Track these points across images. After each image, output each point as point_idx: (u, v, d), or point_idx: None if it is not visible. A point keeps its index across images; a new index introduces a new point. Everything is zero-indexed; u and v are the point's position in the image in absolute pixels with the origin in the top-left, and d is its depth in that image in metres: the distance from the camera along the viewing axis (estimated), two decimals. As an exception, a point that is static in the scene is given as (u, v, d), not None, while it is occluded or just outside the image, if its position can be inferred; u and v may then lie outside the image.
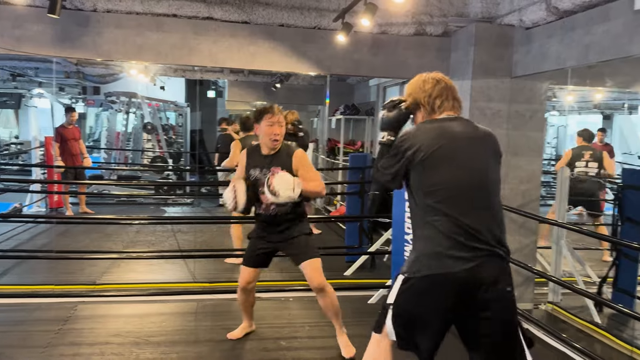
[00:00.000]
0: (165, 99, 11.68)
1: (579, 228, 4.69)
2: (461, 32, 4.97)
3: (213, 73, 10.32)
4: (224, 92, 13.44)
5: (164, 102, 11.83)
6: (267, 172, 3.34)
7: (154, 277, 5.34)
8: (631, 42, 3.45)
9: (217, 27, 4.76)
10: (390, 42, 5.02)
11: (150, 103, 11.55)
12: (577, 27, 3.96)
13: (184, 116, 11.47)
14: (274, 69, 5.20)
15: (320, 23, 4.80)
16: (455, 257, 2.15)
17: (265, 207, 3.42)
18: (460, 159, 2.25)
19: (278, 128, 3.36)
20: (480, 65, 4.76)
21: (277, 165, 3.36)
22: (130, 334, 3.93)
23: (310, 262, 3.43)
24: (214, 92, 13.90)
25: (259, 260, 3.58)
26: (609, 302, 4.32)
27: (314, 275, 3.42)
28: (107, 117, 12.10)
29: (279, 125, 3.37)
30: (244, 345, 3.76)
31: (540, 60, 4.42)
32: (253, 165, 3.45)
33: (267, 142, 3.39)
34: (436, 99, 2.34)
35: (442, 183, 2.22)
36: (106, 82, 11.16)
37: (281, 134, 3.39)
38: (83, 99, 12.80)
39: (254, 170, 3.44)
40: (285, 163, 3.38)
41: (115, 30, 4.62)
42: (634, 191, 4.51)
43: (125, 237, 7.17)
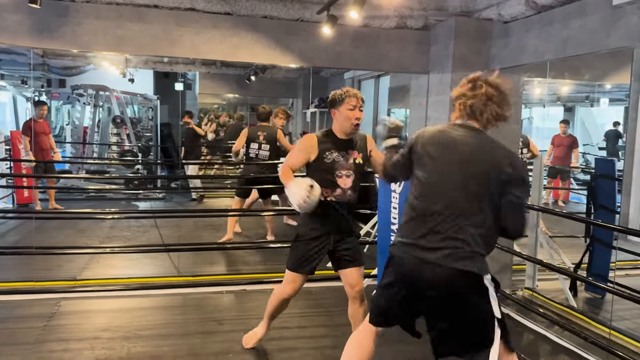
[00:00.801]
0: (134, 92, 11.46)
1: (558, 211, 4.85)
2: (440, 26, 5.07)
3: (184, 65, 10.20)
4: (193, 85, 13.30)
5: (133, 95, 11.61)
6: (346, 154, 3.21)
7: (135, 271, 5.27)
8: (608, 36, 3.60)
9: (200, 18, 4.72)
10: (372, 35, 5.08)
11: (118, 96, 11.31)
12: (555, 22, 4.10)
13: (154, 109, 11.28)
14: (257, 60, 5.20)
15: (303, 15, 4.82)
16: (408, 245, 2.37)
17: (341, 193, 3.20)
18: (442, 162, 2.36)
19: (359, 112, 3.20)
20: (460, 58, 4.86)
21: (355, 148, 3.24)
22: (119, 328, 3.89)
23: (358, 269, 3.29)
24: (182, 84, 13.73)
25: (316, 264, 3.29)
26: (592, 282, 4.50)
27: (359, 282, 3.28)
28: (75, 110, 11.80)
29: (359, 109, 3.21)
30: (235, 337, 3.77)
31: (518, 53, 4.55)
32: (329, 149, 3.20)
33: (346, 127, 3.18)
34: (455, 102, 2.47)
35: (422, 181, 2.41)
36: (72, 74, 10.88)
37: (361, 118, 3.23)
38: (47, 92, 12.45)
39: (331, 153, 3.19)
40: (362, 146, 3.28)
41: (95, 21, 4.53)
42: (607, 180, 4.70)
43: (99, 232, 7.05)
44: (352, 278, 3.27)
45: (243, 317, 4.24)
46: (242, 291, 4.86)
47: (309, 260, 3.26)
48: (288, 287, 3.35)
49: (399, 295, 2.37)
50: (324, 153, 3.19)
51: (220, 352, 3.57)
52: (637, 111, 3.30)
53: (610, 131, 13.24)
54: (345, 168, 3.18)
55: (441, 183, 2.34)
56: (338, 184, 3.19)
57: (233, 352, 3.56)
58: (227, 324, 4.08)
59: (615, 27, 3.50)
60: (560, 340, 3.97)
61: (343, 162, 3.19)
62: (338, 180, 3.19)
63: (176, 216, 7.76)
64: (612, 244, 4.74)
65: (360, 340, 2.56)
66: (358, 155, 3.24)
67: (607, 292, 3.44)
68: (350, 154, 3.21)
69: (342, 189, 3.19)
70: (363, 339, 2.55)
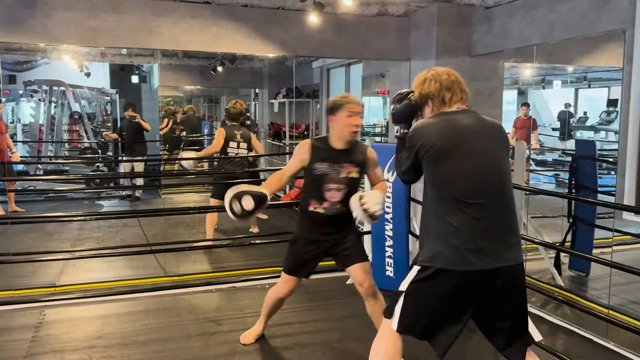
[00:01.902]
0: (91, 86, 11.00)
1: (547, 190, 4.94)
2: (422, 12, 5.05)
3: (144, 57, 9.86)
4: (149, 77, 12.89)
5: (90, 89, 11.14)
6: (339, 167, 3.05)
7: (116, 274, 5.07)
8: (598, 19, 3.66)
9: (177, 7, 4.54)
10: (354, 22, 5.02)
11: (74, 91, 10.82)
12: (541, 6, 4.15)
13: (112, 104, 10.86)
14: (238, 51, 5.04)
15: (284, 3, 4.71)
16: (472, 251, 2.15)
17: (328, 205, 3.07)
18: (472, 150, 2.23)
19: (358, 119, 3.03)
20: (442, 44, 4.87)
21: (349, 161, 3.07)
22: (113, 335, 3.72)
23: (363, 265, 3.16)
24: (137, 77, 13.30)
25: (310, 268, 3.25)
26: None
27: (366, 278, 3.15)
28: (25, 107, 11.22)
29: (359, 116, 3.04)
30: (237, 337, 3.65)
31: (502, 38, 4.59)
32: (320, 159, 3.06)
33: (344, 134, 3.03)
34: (447, 92, 2.35)
35: (455, 176, 2.21)
36: (24, 69, 10.33)
37: (360, 125, 3.08)
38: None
39: (321, 164, 3.05)
40: (358, 159, 3.10)
41: (65, 13, 4.28)
42: (588, 161, 4.82)
43: (68, 234, 6.75)
44: (358, 276, 3.16)
45: (239, 315, 4.13)
46: (232, 289, 4.74)
47: (304, 265, 3.22)
48: (284, 287, 3.30)
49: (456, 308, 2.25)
50: (315, 163, 3.07)
51: (225, 354, 3.46)
52: (629, 93, 3.37)
53: (562, 112, 13.69)
54: (335, 182, 3.04)
55: (482, 172, 2.23)
56: (325, 198, 3.07)
57: (239, 353, 3.46)
58: (225, 323, 3.97)
59: (606, 10, 3.56)
60: (554, 319, 4.06)
61: (333, 175, 3.05)
62: (326, 194, 3.06)
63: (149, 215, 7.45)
64: (594, 223, 4.88)
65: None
66: (354, 169, 3.09)
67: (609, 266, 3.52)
68: (343, 167, 3.06)
69: (329, 202, 3.06)
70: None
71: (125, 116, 9.37)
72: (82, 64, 9.52)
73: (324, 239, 3.16)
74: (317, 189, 3.07)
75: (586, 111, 14.36)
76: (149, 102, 12.87)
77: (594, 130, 13.28)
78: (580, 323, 3.91)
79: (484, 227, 2.17)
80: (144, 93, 14.47)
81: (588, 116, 14.17)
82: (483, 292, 2.22)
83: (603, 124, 13.01)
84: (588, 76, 11.55)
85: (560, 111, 14.15)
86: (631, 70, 3.40)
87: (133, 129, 9.25)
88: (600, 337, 3.66)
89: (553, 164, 12.04)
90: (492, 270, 2.18)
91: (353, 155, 3.09)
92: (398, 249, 4.48)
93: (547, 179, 10.63)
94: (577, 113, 14.45)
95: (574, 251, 4.73)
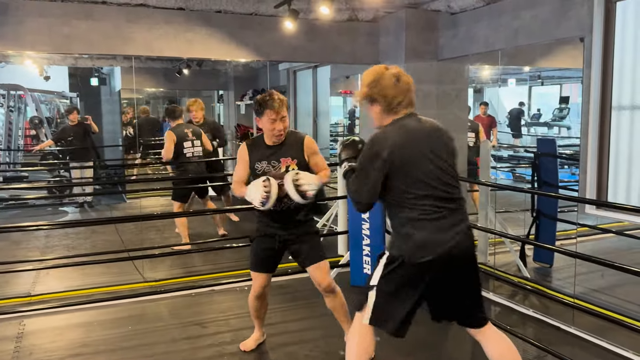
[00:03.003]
0: (50, 90, 10.75)
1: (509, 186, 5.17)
2: (390, 18, 5.22)
3: (105, 60, 9.71)
4: (108, 80, 12.67)
5: (49, 93, 10.89)
6: (276, 163, 3.14)
7: (92, 281, 5.04)
8: (558, 26, 3.90)
9: (152, 13, 4.56)
10: (325, 28, 5.15)
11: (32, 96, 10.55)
12: (505, 13, 4.37)
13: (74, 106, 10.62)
14: (213, 56, 5.08)
15: (258, 9, 4.79)
16: (439, 241, 2.38)
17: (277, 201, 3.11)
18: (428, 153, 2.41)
19: (280, 124, 3.08)
20: (411, 49, 5.05)
21: (286, 155, 3.16)
22: (98, 342, 3.73)
23: (320, 265, 3.26)
24: (97, 79, 13.06)
25: (270, 262, 3.33)
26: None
27: (324, 277, 3.26)
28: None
29: (281, 121, 3.08)
30: (223, 339, 3.74)
31: (468, 43, 4.80)
32: (258, 158, 3.17)
33: (270, 137, 3.15)
34: (395, 98, 2.45)
35: (419, 179, 2.39)
36: (-22, 73, 10.01)
37: (285, 128, 3.13)
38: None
39: (260, 163, 3.16)
40: (296, 151, 3.17)
41: (38, 19, 4.24)
42: (549, 158, 5.10)
43: (36, 242, 6.63)
44: (317, 276, 3.27)
45: (222, 317, 4.20)
46: (211, 292, 4.79)
47: (265, 259, 3.31)
48: (255, 285, 3.37)
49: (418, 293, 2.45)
50: (255, 164, 3.18)
51: (213, 356, 3.53)
52: (589, 95, 3.61)
53: (514, 109, 14.15)
54: (277, 177, 3.05)
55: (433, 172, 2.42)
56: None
57: (227, 354, 3.54)
58: (209, 326, 4.03)
59: (566, 18, 3.80)
60: (523, 309, 4.29)
61: (274, 171, 3.12)
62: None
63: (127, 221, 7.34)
64: (556, 217, 5.16)
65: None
66: (292, 161, 3.15)
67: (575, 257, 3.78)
68: (281, 162, 3.14)
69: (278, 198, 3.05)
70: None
71: (68, 121, 9.06)
72: (42, 68, 9.30)
73: (279, 232, 3.23)
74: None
75: (540, 108, 14.91)
76: (109, 105, 12.66)
77: (548, 126, 13.82)
78: (548, 312, 4.16)
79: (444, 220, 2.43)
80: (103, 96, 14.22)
81: (541, 112, 14.73)
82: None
83: (556, 120, 13.56)
84: (542, 74, 12.03)
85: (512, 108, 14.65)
86: (590, 73, 3.65)
87: (81, 134, 8.96)
88: (567, 324, 3.90)
89: (508, 159, 12.49)
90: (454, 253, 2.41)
91: (288, 148, 3.17)
92: (375, 247, 4.63)
93: (504, 175, 11.05)
94: (532, 110, 14.99)
95: (540, 243, 4.96)
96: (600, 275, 4.81)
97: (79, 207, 9.15)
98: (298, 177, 2.97)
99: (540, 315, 4.15)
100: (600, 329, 3.73)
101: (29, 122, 10.36)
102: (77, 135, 8.92)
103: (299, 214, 3.23)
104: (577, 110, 12.74)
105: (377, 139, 2.44)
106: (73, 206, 9.22)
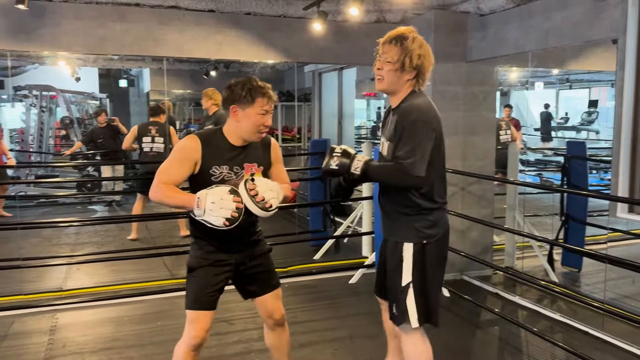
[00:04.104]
0: (81, 91, 10.99)
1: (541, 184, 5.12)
2: (418, 19, 5.21)
3: (135, 62, 9.88)
4: (137, 81, 12.90)
5: (80, 94, 11.13)
6: (239, 169, 2.45)
7: (123, 277, 5.13)
8: (591, 28, 3.85)
9: (183, 15, 4.64)
10: (353, 29, 5.17)
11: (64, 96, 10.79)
12: (535, 14, 4.33)
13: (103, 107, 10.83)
14: (242, 58, 5.15)
15: (287, 11, 4.83)
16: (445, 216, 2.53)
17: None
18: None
19: (269, 118, 2.44)
20: (440, 50, 5.02)
21: (252, 160, 2.48)
22: (128, 336, 3.81)
23: (278, 292, 2.67)
24: (126, 81, 13.30)
25: (217, 296, 2.53)
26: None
27: (279, 307, 2.68)
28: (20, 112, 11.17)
29: (270, 115, 2.44)
30: (250, 336, 3.79)
31: (497, 45, 4.77)
32: (217, 161, 2.42)
33: (250, 133, 2.42)
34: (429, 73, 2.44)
35: (443, 157, 2.50)
36: (12, 75, 10.28)
37: (269, 125, 2.47)
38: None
39: (219, 167, 2.42)
40: (262, 156, 2.53)
41: (74, 21, 4.36)
42: (579, 161, 5.04)
43: (67, 239, 6.79)
44: (271, 306, 2.64)
45: (249, 315, 4.23)
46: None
47: (210, 293, 2.49)
48: (195, 329, 2.48)
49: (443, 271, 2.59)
50: (211, 167, 2.41)
51: (241, 352, 3.58)
52: (622, 97, 3.57)
53: (543, 112, 14.00)
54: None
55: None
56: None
57: (255, 351, 3.58)
58: (237, 323, 4.08)
59: (599, 19, 3.76)
60: (551, 314, 4.24)
61: (235, 180, 2.42)
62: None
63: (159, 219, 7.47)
64: (585, 220, 5.10)
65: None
66: (258, 169, 2.49)
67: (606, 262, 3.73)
68: (244, 169, 2.46)
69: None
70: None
71: (97, 123, 9.27)
72: (74, 69, 9.52)
73: (234, 257, 2.52)
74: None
75: (567, 112, 14.69)
76: (137, 106, 12.89)
77: (576, 130, 13.61)
78: (576, 317, 4.11)
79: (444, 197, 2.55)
80: (132, 97, 14.50)
81: (569, 117, 14.50)
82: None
83: (584, 124, 13.35)
84: (570, 77, 11.85)
85: (541, 112, 14.49)
86: (623, 75, 3.60)
87: (110, 136, 9.15)
88: (597, 330, 3.85)
89: (535, 164, 12.34)
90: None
91: (254, 151, 2.50)
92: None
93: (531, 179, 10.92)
94: (559, 114, 14.78)
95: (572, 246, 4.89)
96: (632, 282, 4.73)
97: (108, 205, 9.33)
98: (254, 185, 2.34)
99: (569, 319, 4.10)
100: (631, 334, 3.68)
101: (59, 122, 10.58)
102: (106, 137, 9.13)
103: (253, 230, 2.59)
104: (605, 114, 12.52)
105: (424, 106, 2.35)
106: (102, 205, 9.39)
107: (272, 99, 2.42)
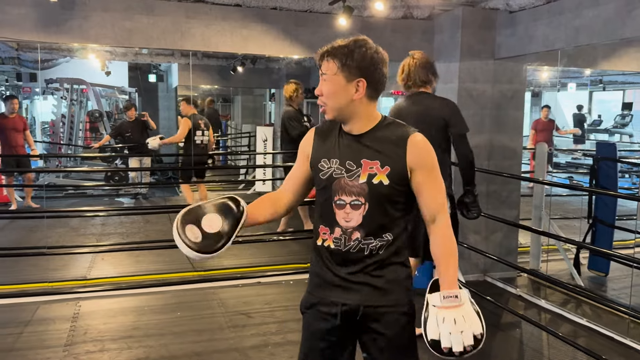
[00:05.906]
0: (111, 85, 11.18)
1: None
2: (445, 16, 5.15)
3: (164, 57, 9.99)
4: (165, 76, 13.06)
5: (110, 87, 11.33)
6: (356, 167, 1.73)
7: (143, 268, 5.20)
8: (624, 25, 3.75)
9: (210, 10, 4.66)
10: (379, 25, 5.12)
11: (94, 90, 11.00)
12: (566, 11, 4.23)
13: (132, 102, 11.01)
14: (267, 52, 5.16)
15: (312, 6, 4.81)
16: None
17: (340, 234, 1.74)
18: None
19: (322, 85, 1.80)
20: (467, 47, 4.96)
21: (373, 155, 1.73)
22: (149, 326, 3.86)
23: None
24: (155, 76, 13.48)
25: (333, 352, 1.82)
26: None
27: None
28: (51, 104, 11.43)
29: (323, 82, 1.80)
30: (268, 329, 3.79)
31: (526, 42, 4.67)
32: (327, 153, 1.80)
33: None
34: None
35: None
36: (44, 67, 10.50)
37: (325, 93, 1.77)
38: (14, 86, 11.99)
39: (329, 161, 1.78)
40: (396, 153, 1.72)
41: (102, 14, 4.41)
42: (609, 163, 4.91)
43: (93, 230, 6.90)
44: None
45: (268, 309, 4.25)
46: (257, 284, 4.86)
47: (314, 350, 1.83)
48: None
49: None
50: (320, 161, 1.80)
51: (259, 345, 3.58)
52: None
53: (576, 114, 13.71)
54: (347, 191, 1.72)
55: None
56: (336, 219, 1.74)
57: (272, 344, 3.58)
58: (255, 316, 4.09)
59: (631, 17, 3.65)
60: (575, 317, 4.14)
61: (346, 179, 1.73)
62: (336, 213, 1.74)
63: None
64: (614, 224, 4.96)
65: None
66: (381, 170, 1.71)
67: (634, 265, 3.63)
68: (362, 165, 1.73)
69: (341, 229, 1.73)
70: None
71: (126, 117, 9.42)
72: (104, 63, 9.67)
73: (339, 296, 1.77)
74: (326, 205, 1.78)
75: (600, 114, 14.34)
76: (165, 101, 13.04)
77: (609, 133, 13.29)
78: (601, 321, 4.01)
79: None
80: (160, 92, 14.69)
81: (602, 119, 14.16)
82: None
83: (618, 127, 13.02)
84: (604, 79, 11.56)
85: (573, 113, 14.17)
86: (656, 75, 3.49)
87: (138, 130, 9.27)
88: (622, 335, 3.75)
89: (566, 167, 12.08)
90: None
91: (380, 143, 1.74)
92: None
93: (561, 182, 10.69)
94: (592, 116, 14.44)
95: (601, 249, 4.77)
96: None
97: (134, 198, 9.47)
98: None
99: (593, 324, 4.00)
100: (658, 341, 3.57)
101: (89, 116, 10.78)
102: (134, 131, 9.25)
103: (375, 261, 1.76)
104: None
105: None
106: (128, 197, 9.54)
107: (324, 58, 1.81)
